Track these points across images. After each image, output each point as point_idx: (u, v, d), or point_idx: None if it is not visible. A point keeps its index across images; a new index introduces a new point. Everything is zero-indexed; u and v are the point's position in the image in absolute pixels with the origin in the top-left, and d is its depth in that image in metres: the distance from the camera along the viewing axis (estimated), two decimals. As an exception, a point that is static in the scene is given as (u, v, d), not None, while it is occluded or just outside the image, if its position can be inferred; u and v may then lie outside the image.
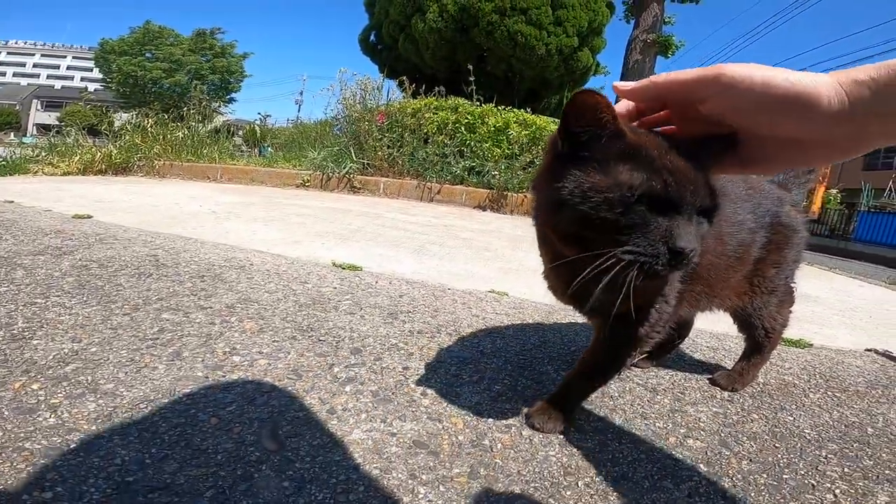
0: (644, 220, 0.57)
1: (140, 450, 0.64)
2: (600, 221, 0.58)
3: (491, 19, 9.88)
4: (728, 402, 1.04)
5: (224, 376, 0.87)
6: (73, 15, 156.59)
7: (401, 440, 0.76)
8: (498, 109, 5.41)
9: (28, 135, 24.40)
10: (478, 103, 5.55)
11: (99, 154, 4.29)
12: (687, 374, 1.17)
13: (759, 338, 1.09)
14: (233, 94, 24.90)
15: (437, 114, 5.34)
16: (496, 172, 4.76)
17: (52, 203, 2.70)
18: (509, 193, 4.66)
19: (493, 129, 5.19)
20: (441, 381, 0.97)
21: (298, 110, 37.91)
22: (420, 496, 0.64)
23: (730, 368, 1.15)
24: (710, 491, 0.72)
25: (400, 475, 0.68)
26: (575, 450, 0.79)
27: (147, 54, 22.18)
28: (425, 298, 1.53)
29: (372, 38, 11.88)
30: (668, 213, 0.57)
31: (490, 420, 0.85)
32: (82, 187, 3.45)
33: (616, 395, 1.01)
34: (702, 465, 0.79)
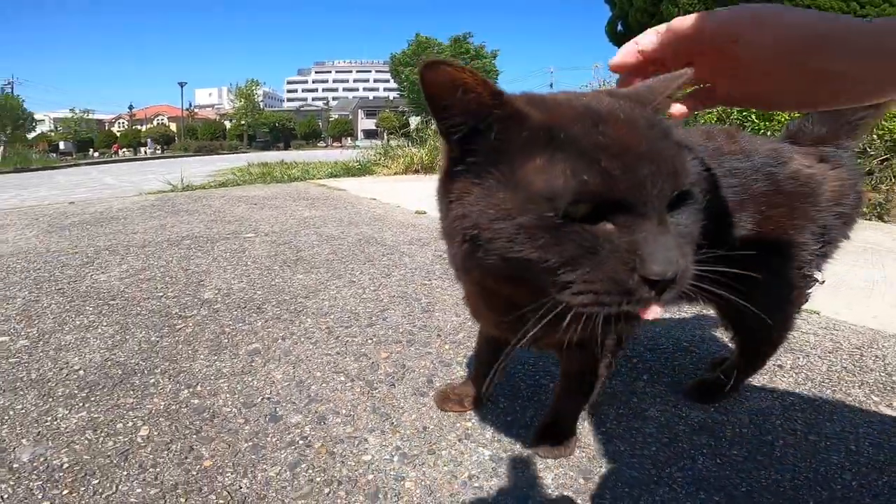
0: (589, 244, 0.38)
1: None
2: (526, 263, 0.39)
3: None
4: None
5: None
6: (367, 37, 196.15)
7: (688, 422, 0.93)
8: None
9: (359, 139, 32.96)
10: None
11: (415, 157, 5.61)
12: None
13: (751, 344, 0.92)
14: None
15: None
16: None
17: (398, 200, 3.76)
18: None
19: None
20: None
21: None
22: (699, 462, 0.82)
23: (707, 376, 1.04)
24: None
25: (683, 445, 0.87)
26: (798, 414, 0.97)
27: (423, 63, 26.59)
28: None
29: (619, 27, 11.12)
30: (623, 221, 0.38)
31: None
32: (409, 186, 4.63)
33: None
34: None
